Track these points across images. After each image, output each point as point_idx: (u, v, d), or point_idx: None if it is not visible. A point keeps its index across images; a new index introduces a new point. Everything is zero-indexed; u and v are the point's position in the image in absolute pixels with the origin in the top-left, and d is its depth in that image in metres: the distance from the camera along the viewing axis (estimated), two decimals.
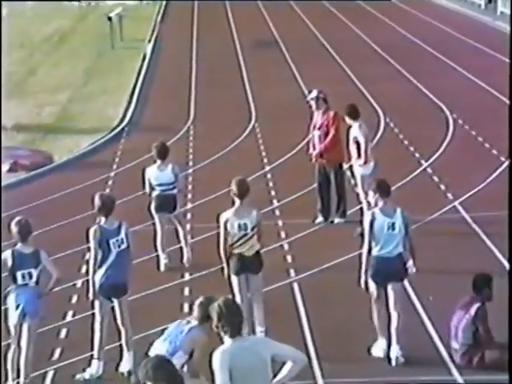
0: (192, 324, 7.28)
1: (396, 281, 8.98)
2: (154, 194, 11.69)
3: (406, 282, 10.80)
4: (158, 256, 11.81)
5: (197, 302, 7.38)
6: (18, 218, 8.84)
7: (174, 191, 11.69)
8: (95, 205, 8.96)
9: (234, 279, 9.36)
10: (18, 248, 8.62)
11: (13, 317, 8.62)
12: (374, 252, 8.94)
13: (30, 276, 8.56)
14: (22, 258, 8.55)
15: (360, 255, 9.23)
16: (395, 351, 8.89)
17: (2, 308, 8.89)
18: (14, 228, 8.69)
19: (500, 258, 11.47)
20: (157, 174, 11.64)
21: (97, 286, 8.89)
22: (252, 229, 9.30)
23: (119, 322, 9.04)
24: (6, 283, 8.70)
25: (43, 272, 8.69)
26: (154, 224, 11.90)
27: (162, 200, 11.64)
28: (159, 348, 7.26)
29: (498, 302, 8.66)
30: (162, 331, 7.58)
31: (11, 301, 8.61)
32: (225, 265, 9.41)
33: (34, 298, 8.63)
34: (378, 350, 9.10)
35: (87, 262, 9.72)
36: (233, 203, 9.40)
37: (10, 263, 8.54)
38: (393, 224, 8.93)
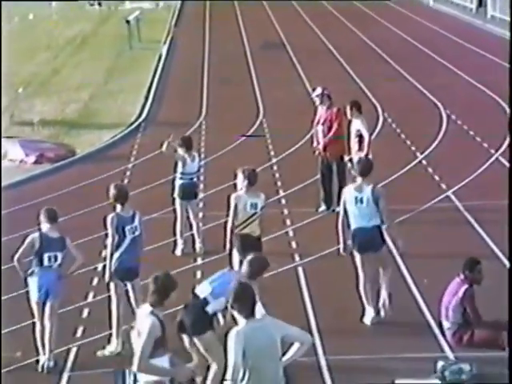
0: (241, 277, 7.25)
1: (374, 250, 9.17)
2: (180, 182, 11.64)
3: (402, 266, 10.83)
4: (175, 241, 11.80)
5: (248, 259, 7.45)
6: (46, 207, 8.86)
7: (195, 179, 11.77)
8: (111, 194, 8.97)
9: (238, 257, 9.36)
10: (45, 231, 8.61)
11: (36, 296, 8.61)
12: (352, 225, 9.20)
13: (56, 259, 8.57)
14: (49, 240, 8.55)
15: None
16: (370, 312, 9.19)
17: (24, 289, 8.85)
18: (43, 214, 8.69)
19: (490, 244, 11.44)
20: (189, 164, 11.56)
21: (112, 269, 8.91)
22: (261, 209, 9.37)
23: (133, 303, 9.05)
24: (27, 265, 8.69)
25: (66, 256, 8.70)
26: (174, 210, 11.87)
27: (188, 188, 11.62)
28: (205, 289, 7.51)
29: (486, 285, 8.63)
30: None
31: (34, 281, 8.58)
32: (227, 241, 9.39)
33: (57, 279, 8.64)
34: (367, 318, 9.25)
35: (106, 247, 9.72)
36: (240, 188, 9.43)
37: (37, 245, 8.53)
38: (361, 198, 9.11)
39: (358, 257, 9.30)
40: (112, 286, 9.00)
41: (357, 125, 12.59)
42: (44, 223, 8.67)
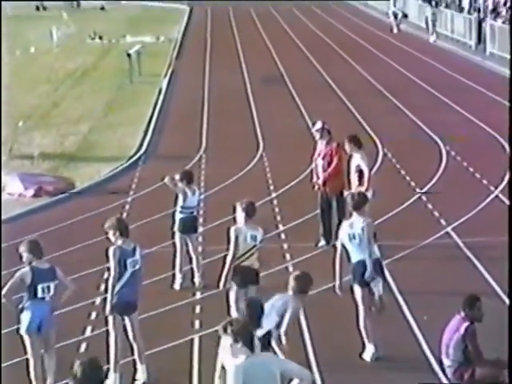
0: (288, 294, 7.80)
1: (364, 285, 9.28)
2: (180, 215, 11.69)
3: (402, 302, 10.81)
4: (173, 275, 11.79)
5: (293, 275, 7.92)
6: (29, 239, 8.83)
7: (195, 213, 11.82)
8: (114, 226, 8.96)
9: (236, 291, 9.35)
10: (35, 264, 8.58)
11: (30, 328, 8.56)
12: (351, 259, 9.38)
13: (49, 289, 8.54)
14: (41, 272, 8.52)
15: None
16: (370, 348, 9.29)
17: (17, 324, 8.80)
18: (28, 247, 8.62)
19: (489, 281, 11.43)
20: (190, 197, 11.65)
21: (112, 303, 8.89)
22: (260, 241, 9.44)
23: (131, 337, 9.03)
24: (17, 300, 8.64)
25: (58, 286, 8.69)
26: (174, 244, 11.89)
27: (188, 222, 11.68)
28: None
29: (487, 323, 8.61)
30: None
31: (28, 314, 8.53)
32: (225, 275, 9.38)
33: (50, 311, 8.64)
34: (368, 354, 9.25)
35: (106, 281, 9.69)
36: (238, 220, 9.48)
37: (29, 278, 8.49)
38: (353, 235, 9.30)
39: (358, 291, 9.31)
40: (111, 319, 8.97)
41: (357, 160, 12.63)
42: (30, 255, 8.57)
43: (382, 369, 9.02)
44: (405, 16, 45.40)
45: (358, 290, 9.32)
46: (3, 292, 8.54)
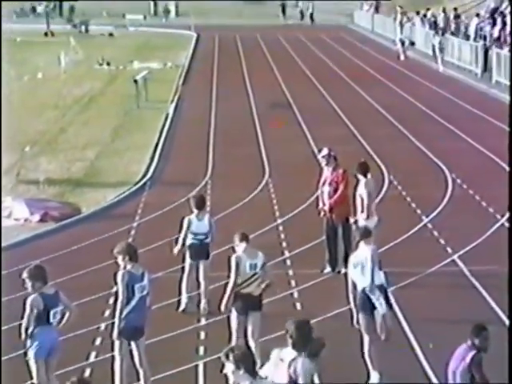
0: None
1: (369, 313, 9.37)
2: (190, 242, 11.73)
3: (408, 330, 10.78)
4: (179, 299, 11.81)
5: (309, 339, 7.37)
6: (34, 265, 8.83)
7: (208, 240, 11.80)
8: (123, 252, 8.99)
9: (236, 318, 9.38)
10: (43, 291, 8.60)
11: (41, 355, 8.55)
12: (357, 287, 9.50)
13: (56, 315, 8.58)
14: (50, 298, 8.56)
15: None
16: (375, 375, 9.29)
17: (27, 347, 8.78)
18: (34, 273, 8.63)
19: (496, 309, 11.40)
20: (196, 223, 11.71)
21: (120, 327, 8.90)
22: (261, 267, 9.47)
23: (137, 363, 9.02)
24: (23, 325, 8.63)
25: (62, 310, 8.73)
26: (182, 268, 11.91)
27: (198, 248, 11.71)
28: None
29: (494, 352, 8.57)
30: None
31: (39, 340, 8.52)
32: (226, 301, 9.41)
33: (58, 335, 8.66)
34: (373, 382, 9.30)
35: (114, 305, 9.68)
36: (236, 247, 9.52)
37: (42, 305, 8.50)
38: (356, 263, 9.52)
39: (363, 319, 9.34)
40: (117, 344, 8.98)
41: (360, 186, 12.69)
42: (40, 282, 8.59)
43: None
44: (412, 44, 45.58)
45: (362, 318, 9.35)
46: (24, 326, 8.50)
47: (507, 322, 10.84)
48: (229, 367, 5.97)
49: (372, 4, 61.34)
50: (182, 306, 11.75)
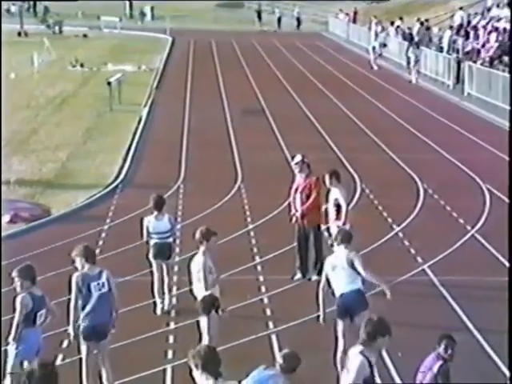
0: (275, 373, 7.21)
1: (354, 314, 9.43)
2: (152, 241, 11.87)
3: None
4: (154, 302, 11.81)
5: (281, 354, 7.30)
6: (26, 264, 8.81)
7: (170, 239, 11.86)
8: (80, 254, 9.05)
9: (205, 320, 9.51)
10: (32, 291, 8.57)
11: (27, 356, 8.50)
12: (334, 292, 9.55)
13: (42, 316, 8.58)
14: (38, 299, 8.58)
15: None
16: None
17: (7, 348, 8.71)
18: (24, 273, 8.60)
19: (464, 319, 11.48)
20: (154, 223, 11.84)
21: (80, 328, 8.93)
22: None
23: (100, 364, 9.02)
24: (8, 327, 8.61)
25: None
26: (151, 271, 11.96)
27: (159, 247, 11.80)
28: None
29: (460, 360, 8.64)
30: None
31: (25, 342, 8.47)
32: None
33: (41, 336, 8.67)
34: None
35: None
36: (197, 248, 9.56)
37: (31, 305, 8.49)
38: (337, 266, 9.55)
39: (339, 324, 9.43)
40: (83, 347, 8.97)
41: (335, 194, 12.72)
42: (28, 282, 8.58)
43: None
44: (384, 45, 45.70)
45: (340, 323, 9.43)
46: (15, 323, 8.42)
47: (475, 331, 10.93)
48: (194, 368, 6.01)
49: (349, 14, 61.63)
50: (159, 311, 11.77)
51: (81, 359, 9.04)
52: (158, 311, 11.80)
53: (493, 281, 13.00)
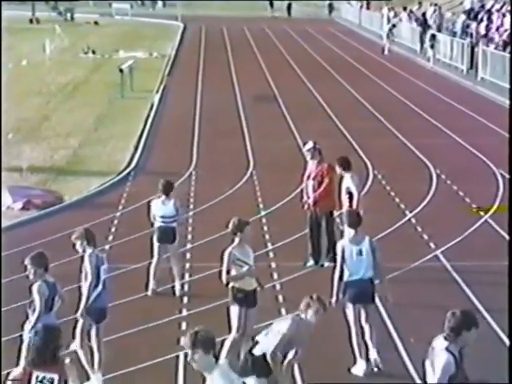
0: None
1: (367, 302, 9.45)
2: (157, 225, 12.02)
3: (389, 325, 10.83)
4: (147, 283, 11.89)
5: (306, 300, 8.08)
6: (38, 251, 8.84)
7: (174, 224, 11.95)
8: (81, 237, 9.14)
9: (236, 310, 9.32)
10: (46, 278, 8.63)
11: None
12: (347, 277, 9.44)
13: (57, 302, 8.64)
14: (52, 286, 8.63)
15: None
16: (373, 354, 9.40)
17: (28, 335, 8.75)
18: (38, 261, 8.63)
19: (477, 304, 11.45)
20: (160, 207, 11.98)
21: (85, 308, 9.09)
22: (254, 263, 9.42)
23: (95, 345, 9.12)
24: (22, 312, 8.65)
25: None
26: (151, 252, 12.06)
27: (164, 231, 11.93)
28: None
29: (474, 346, 8.61)
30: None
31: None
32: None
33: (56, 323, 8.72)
34: (358, 369, 9.39)
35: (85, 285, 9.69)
36: (232, 241, 9.44)
37: (47, 292, 8.53)
38: (360, 250, 9.43)
39: (351, 308, 9.41)
40: (80, 324, 9.10)
41: (347, 181, 12.69)
42: (42, 269, 8.63)
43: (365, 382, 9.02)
44: (393, 26, 45.41)
45: (351, 306, 9.42)
46: (38, 313, 8.45)
47: (488, 317, 10.89)
48: (188, 354, 5.86)
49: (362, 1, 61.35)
50: (150, 291, 11.87)
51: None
52: (149, 292, 11.91)
53: (506, 266, 12.95)
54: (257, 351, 7.93)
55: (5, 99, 27.76)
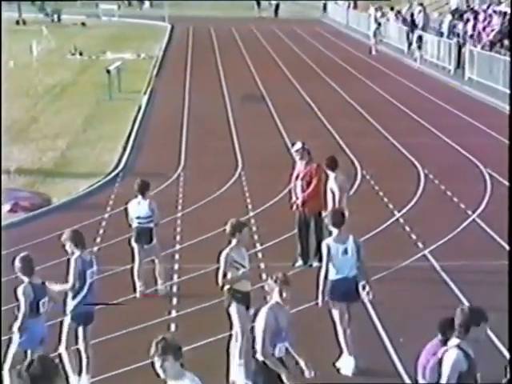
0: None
1: (352, 300, 9.52)
2: (134, 226, 12.06)
3: (378, 324, 10.85)
4: (134, 284, 11.89)
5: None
6: (24, 254, 8.82)
7: (151, 224, 11.91)
8: (69, 239, 9.08)
9: (235, 311, 9.33)
10: (32, 280, 8.60)
11: (30, 346, 8.51)
12: (333, 276, 9.47)
13: (45, 304, 8.60)
14: (38, 288, 8.59)
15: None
16: (351, 362, 9.45)
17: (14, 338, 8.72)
18: (23, 263, 8.62)
19: (464, 302, 11.47)
20: (136, 208, 12.03)
21: (71, 312, 9.05)
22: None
23: (83, 348, 9.10)
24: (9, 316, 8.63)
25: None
26: (132, 254, 12.06)
27: (140, 232, 11.96)
28: None
29: None
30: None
31: (30, 331, 8.48)
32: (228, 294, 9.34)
33: (45, 324, 8.69)
34: (343, 365, 9.49)
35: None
36: (229, 242, 9.42)
37: (32, 294, 8.50)
38: (345, 249, 9.47)
39: (337, 307, 9.42)
40: (65, 329, 9.08)
41: (331, 181, 12.71)
42: (27, 273, 8.59)
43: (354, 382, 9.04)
44: (379, 24, 45.44)
45: (337, 306, 9.44)
46: (22, 314, 8.43)
47: None
48: (157, 362, 5.79)
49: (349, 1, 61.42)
50: (138, 294, 11.87)
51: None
52: (138, 294, 11.89)
53: (494, 265, 13.01)
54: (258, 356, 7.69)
55: None
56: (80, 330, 9.11)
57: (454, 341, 6.47)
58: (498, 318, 10.55)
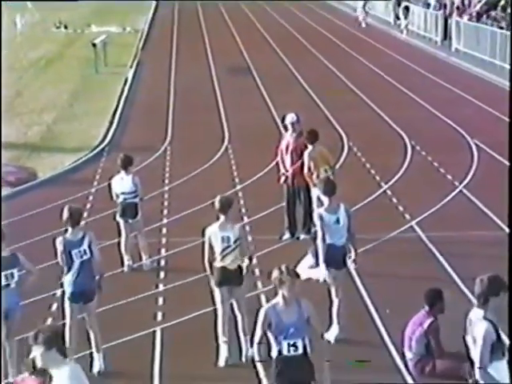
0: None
1: (340, 267, 9.58)
2: (118, 201, 12.04)
3: (365, 296, 10.88)
4: (121, 258, 11.89)
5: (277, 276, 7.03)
6: None
7: (136, 199, 11.91)
8: (63, 216, 9.02)
9: (217, 291, 9.29)
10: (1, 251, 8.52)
11: None
12: (330, 242, 9.47)
13: (12, 276, 8.51)
14: (9, 259, 8.49)
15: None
16: (335, 331, 9.49)
17: None
18: None
19: (453, 275, 11.53)
20: (119, 183, 12.01)
21: (66, 292, 9.01)
22: (234, 242, 9.17)
23: (88, 326, 9.07)
24: None
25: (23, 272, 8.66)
26: (118, 229, 12.04)
27: (125, 207, 11.94)
28: None
29: (448, 316, 8.68)
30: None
31: None
32: (209, 275, 9.31)
33: (16, 299, 8.59)
34: (331, 334, 9.49)
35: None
36: (217, 218, 9.37)
37: None
38: (337, 219, 9.54)
39: (331, 273, 9.48)
40: (67, 308, 9.02)
41: (305, 153, 12.66)
42: None
43: (342, 353, 9.04)
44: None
45: (332, 272, 9.49)
46: None
47: (463, 287, 10.97)
48: (37, 349, 5.69)
49: None
50: (126, 268, 11.88)
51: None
52: (126, 268, 11.91)
53: (481, 235, 13.05)
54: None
55: None
56: (79, 307, 8.99)
57: (478, 312, 6.42)
58: None
